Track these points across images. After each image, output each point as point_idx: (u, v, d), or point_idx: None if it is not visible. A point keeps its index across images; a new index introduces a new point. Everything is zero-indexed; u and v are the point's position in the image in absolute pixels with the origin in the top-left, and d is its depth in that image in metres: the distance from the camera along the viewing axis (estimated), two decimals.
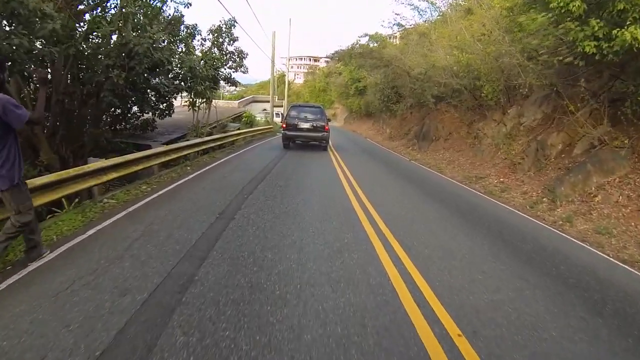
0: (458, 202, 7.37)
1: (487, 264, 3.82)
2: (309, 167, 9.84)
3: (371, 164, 12.39)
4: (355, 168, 10.57)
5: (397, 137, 21.49)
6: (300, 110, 13.40)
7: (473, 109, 15.15)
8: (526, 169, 10.94)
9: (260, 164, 9.51)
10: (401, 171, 11.45)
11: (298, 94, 64.59)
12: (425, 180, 10.07)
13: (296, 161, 10.78)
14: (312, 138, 13.37)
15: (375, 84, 23.44)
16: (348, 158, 12.90)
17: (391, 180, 9.49)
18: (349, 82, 36.57)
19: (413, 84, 15.77)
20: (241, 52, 13.84)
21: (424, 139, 16.92)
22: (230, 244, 3.74)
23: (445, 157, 14.82)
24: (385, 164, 12.92)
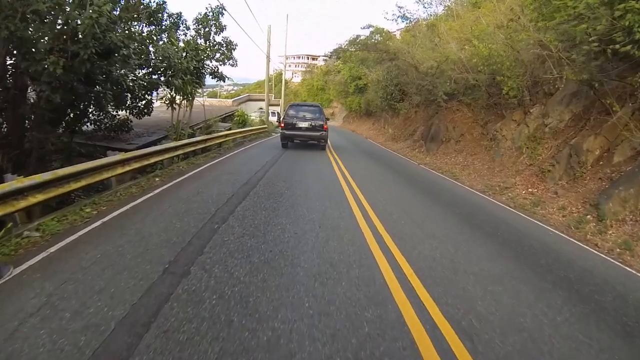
0: (490, 223, 5.90)
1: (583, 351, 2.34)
2: (305, 175, 8.34)
3: (377, 170, 10.91)
4: (359, 176, 9.12)
5: (400, 137, 20.00)
6: (299, 110, 13.13)
7: (488, 108, 13.68)
8: (557, 178, 9.49)
9: (247, 172, 7.98)
10: (412, 179, 9.98)
11: (296, 93, 63.21)
12: (443, 191, 8.59)
13: (290, 167, 9.29)
14: (311, 137, 13.06)
15: (377, 81, 21.92)
16: (350, 163, 11.43)
17: (404, 193, 8.01)
18: (348, 80, 35.03)
19: (422, 80, 14.25)
20: (230, 42, 12.26)
21: (433, 141, 15.43)
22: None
23: (458, 161, 13.34)
24: (393, 170, 11.44)
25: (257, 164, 9.22)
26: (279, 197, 5.78)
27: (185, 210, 4.81)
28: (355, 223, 4.80)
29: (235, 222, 4.37)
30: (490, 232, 5.29)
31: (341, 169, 10.02)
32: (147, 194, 5.65)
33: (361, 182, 8.20)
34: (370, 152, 15.74)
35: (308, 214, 4.95)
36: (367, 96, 29.35)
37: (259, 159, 10.03)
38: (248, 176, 7.43)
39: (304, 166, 9.67)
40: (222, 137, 11.34)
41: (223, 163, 9.19)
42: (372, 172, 10.39)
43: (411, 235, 4.56)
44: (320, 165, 10.12)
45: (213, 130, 12.28)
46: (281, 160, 10.36)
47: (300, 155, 11.97)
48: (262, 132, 19.29)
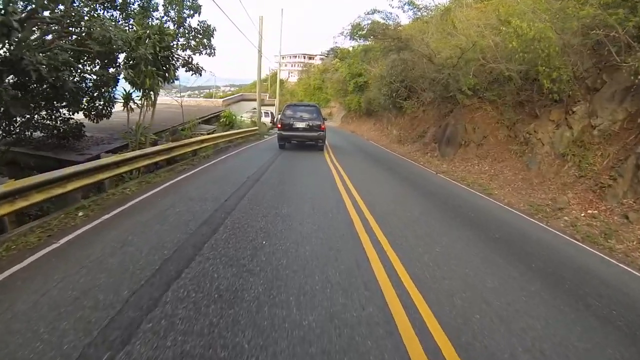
0: (568, 273, 3.88)
1: None
2: (296, 200, 6.17)
3: (388, 183, 8.80)
4: (368, 191, 7.14)
5: (407, 140, 17.89)
6: (296, 110, 12.84)
7: (516, 106, 11.60)
8: (621, 195, 7.48)
9: (214, 198, 5.85)
10: (434, 194, 7.90)
11: (292, 92, 61.20)
12: (481, 215, 6.48)
13: (278, 184, 7.19)
14: (308, 138, 12.64)
15: (381, 77, 19.82)
16: (354, 171, 9.39)
17: (432, 218, 5.90)
18: (347, 77, 32.90)
19: (437, 73, 12.13)
20: (207, 27, 10.03)
21: (449, 144, 13.34)
22: None
23: (482, 169, 11.25)
24: (407, 180, 9.35)
25: (234, 181, 7.05)
26: (248, 262, 3.39)
27: (85, 290, 2.66)
28: (375, 286, 2.73)
29: (175, 310, 2.24)
30: (548, 275, 3.18)
31: (342, 177, 7.92)
32: (48, 246, 3.51)
33: (368, 196, 6.21)
34: (375, 157, 13.61)
35: (299, 290, 2.81)
36: (368, 94, 27.23)
37: (238, 174, 7.87)
38: (213, 206, 5.23)
39: (295, 182, 7.53)
40: (197, 143, 9.14)
41: (188, 181, 7.01)
42: (383, 186, 8.27)
43: (441, 288, 2.48)
44: (317, 181, 7.97)
45: (183, 136, 10.08)
46: (268, 173, 8.21)
47: (294, 164, 9.83)
48: (253, 134, 17.12)
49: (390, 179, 9.32)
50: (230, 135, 12.82)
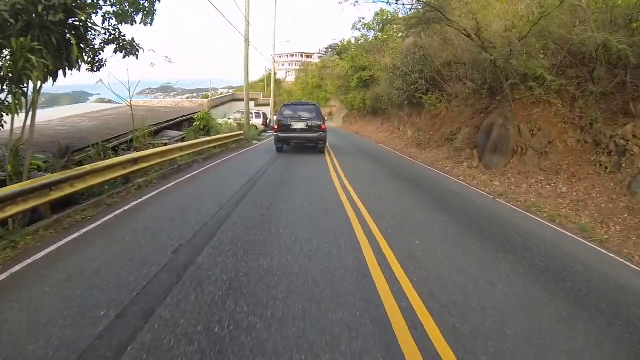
0: None
1: None
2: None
3: (429, 218, 5.31)
4: (405, 240, 4.10)
5: (430, 144, 14.44)
6: (293, 109, 12.12)
7: (599, 99, 8.21)
8: None
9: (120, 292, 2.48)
10: (510, 242, 4.40)
11: (290, 92, 58.02)
12: (619, 305, 2.97)
13: (247, 246, 3.84)
14: (308, 139, 11.93)
15: (394, 67, 16.35)
16: (371, 195, 6.12)
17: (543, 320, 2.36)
18: (349, 72, 29.46)
19: (490, 53, 8.62)
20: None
21: (496, 151, 9.92)
22: None
23: (557, 190, 7.85)
24: (456, 211, 5.82)
25: (153, 255, 3.57)
26: None
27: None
28: None
29: None
30: None
31: (364, 220, 4.69)
32: None
33: (427, 284, 2.80)
34: (396, 170, 10.15)
35: None
36: (375, 90, 23.78)
37: (167, 234, 4.40)
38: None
39: (281, 233, 4.20)
40: (125, 165, 5.51)
41: (80, 251, 3.57)
42: (424, 227, 4.80)
43: None
44: (321, 226, 4.59)
45: (86, 157, 6.50)
46: (242, 209, 4.89)
47: (281, 193, 6.40)
48: (236, 140, 13.67)
49: (429, 207, 5.82)
50: (197, 146, 9.30)
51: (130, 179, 5.92)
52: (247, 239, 3.86)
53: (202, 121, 12.39)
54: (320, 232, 4.17)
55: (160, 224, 4.20)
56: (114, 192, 5.24)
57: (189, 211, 4.66)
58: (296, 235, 4.04)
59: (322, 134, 11.64)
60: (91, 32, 5.77)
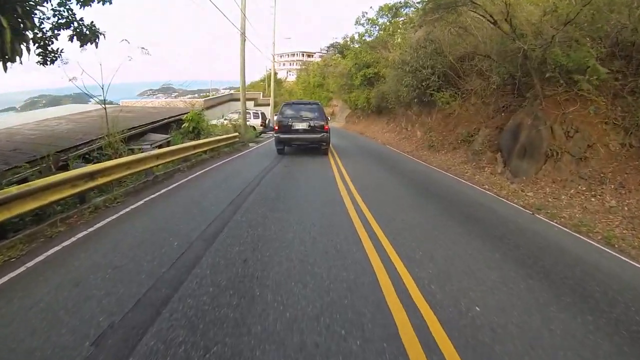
0: None
1: None
2: None
3: (454, 239, 4.15)
4: (430, 271, 3.03)
5: (443, 146, 13.24)
6: (295, 109, 11.64)
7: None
8: None
9: None
10: (570, 289, 3.15)
11: (290, 91, 56.97)
12: None
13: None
14: (310, 140, 11.46)
15: (402, 62, 15.13)
16: (392, 219, 4.89)
17: None
18: (352, 69, 28.23)
19: (523, 42, 7.37)
20: None
21: (525, 155, 8.73)
22: None
23: (605, 203, 6.67)
24: (487, 232, 4.60)
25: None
26: None
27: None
28: None
29: None
30: None
31: (381, 246, 3.57)
32: None
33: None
34: (407, 176, 8.96)
35: None
36: (380, 87, 22.55)
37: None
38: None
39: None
40: (70, 185, 4.16)
41: None
42: (448, 249, 3.64)
43: None
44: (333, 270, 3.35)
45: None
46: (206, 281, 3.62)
47: (269, 219, 5.20)
48: (230, 143, 12.50)
49: (466, 232, 4.60)
50: (179, 151, 8.06)
51: (86, 197, 4.76)
52: (212, 317, 2.42)
53: (191, 122, 11.21)
54: (331, 307, 2.60)
55: (97, 278, 2.94)
56: (57, 219, 4.07)
57: (142, 253, 3.40)
58: (293, 310, 2.53)
59: (325, 134, 11.17)
60: (37, 15, 4.61)
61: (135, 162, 5.76)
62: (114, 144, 7.13)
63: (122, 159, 5.36)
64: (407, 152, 14.72)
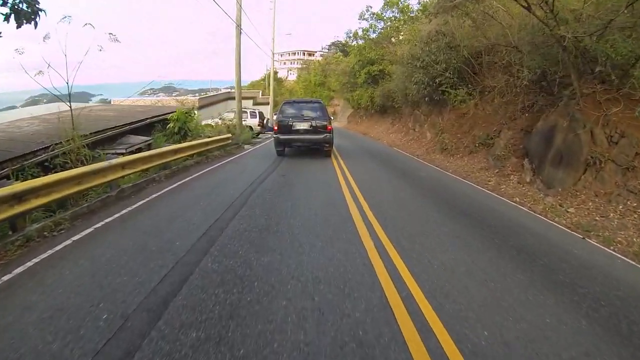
0: None
1: None
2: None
3: (525, 295, 2.97)
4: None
5: (458, 149, 12.13)
6: (296, 108, 10.89)
7: None
8: None
9: None
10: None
11: (291, 91, 56.01)
12: None
13: None
14: (312, 141, 10.74)
15: (412, 58, 13.99)
16: (413, 243, 3.73)
17: None
18: (355, 66, 27.11)
19: (566, 29, 6.21)
20: None
21: (560, 163, 7.63)
22: None
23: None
24: (542, 275, 3.45)
25: None
26: None
27: None
28: None
29: None
30: None
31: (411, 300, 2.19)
32: None
33: None
34: (423, 186, 7.85)
35: None
36: (385, 85, 21.43)
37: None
38: None
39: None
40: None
41: None
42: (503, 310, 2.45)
43: None
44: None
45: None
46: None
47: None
48: (222, 146, 11.40)
49: (511, 274, 3.46)
50: (154, 158, 6.79)
51: (17, 224, 3.65)
52: None
53: (176, 123, 10.08)
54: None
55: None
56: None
57: (62, 334, 2.23)
58: None
59: (328, 135, 10.60)
60: None
61: (89, 174, 4.60)
62: (80, 149, 6.03)
63: (66, 173, 4.21)
64: (418, 155, 13.59)
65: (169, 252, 3.56)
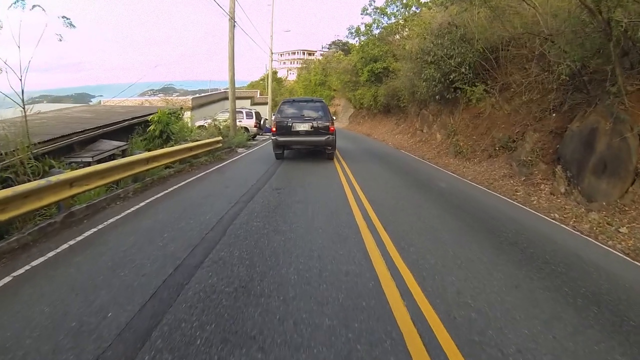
0: None
1: None
2: None
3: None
4: None
5: (474, 152, 11.10)
6: (296, 107, 10.27)
7: None
8: None
9: None
10: None
11: (291, 90, 55.24)
12: None
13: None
14: (313, 143, 10.14)
15: (421, 52, 12.92)
16: (443, 278, 2.52)
17: None
18: (358, 64, 26.07)
19: (627, 9, 5.18)
20: None
21: (604, 173, 6.61)
22: None
23: None
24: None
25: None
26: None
27: None
28: None
29: None
30: None
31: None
32: None
33: None
34: (442, 195, 6.77)
35: None
36: (390, 83, 20.38)
37: None
38: None
39: None
40: None
41: None
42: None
43: None
44: None
45: None
46: None
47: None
48: (211, 151, 10.37)
49: (575, 319, 2.43)
50: (119, 170, 5.59)
51: None
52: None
53: (158, 125, 8.98)
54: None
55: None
56: None
57: None
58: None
59: (330, 137, 9.95)
60: None
61: (18, 198, 3.49)
62: (28, 161, 5.01)
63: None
64: (429, 159, 12.53)
65: (90, 342, 2.15)
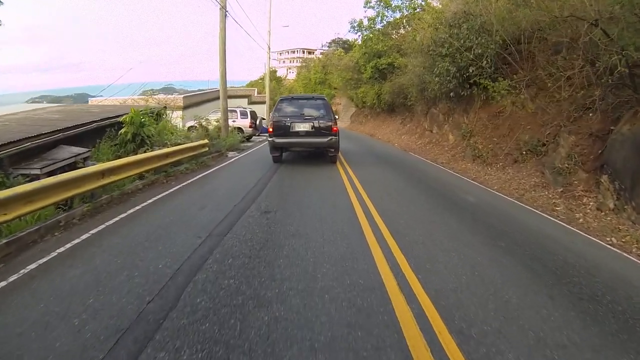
0: None
1: None
2: None
3: None
4: None
5: (495, 156, 9.98)
6: (295, 105, 9.53)
7: None
8: None
9: None
10: None
11: (290, 89, 54.36)
12: None
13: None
14: (314, 145, 9.46)
15: (433, 43, 11.73)
16: None
17: None
18: (360, 60, 24.92)
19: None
20: None
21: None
22: None
23: None
24: None
25: None
26: None
27: None
28: None
29: None
30: None
31: None
32: None
33: None
34: (479, 219, 5.58)
35: None
36: (396, 80, 19.22)
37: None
38: None
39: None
40: None
41: None
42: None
43: None
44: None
45: None
46: None
47: None
48: (195, 156, 9.22)
49: None
50: (56, 191, 4.21)
51: None
52: None
53: (130, 127, 7.75)
54: None
55: None
56: None
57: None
58: None
59: (333, 138, 9.27)
60: None
61: None
62: None
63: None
64: (442, 163, 11.39)
65: None
